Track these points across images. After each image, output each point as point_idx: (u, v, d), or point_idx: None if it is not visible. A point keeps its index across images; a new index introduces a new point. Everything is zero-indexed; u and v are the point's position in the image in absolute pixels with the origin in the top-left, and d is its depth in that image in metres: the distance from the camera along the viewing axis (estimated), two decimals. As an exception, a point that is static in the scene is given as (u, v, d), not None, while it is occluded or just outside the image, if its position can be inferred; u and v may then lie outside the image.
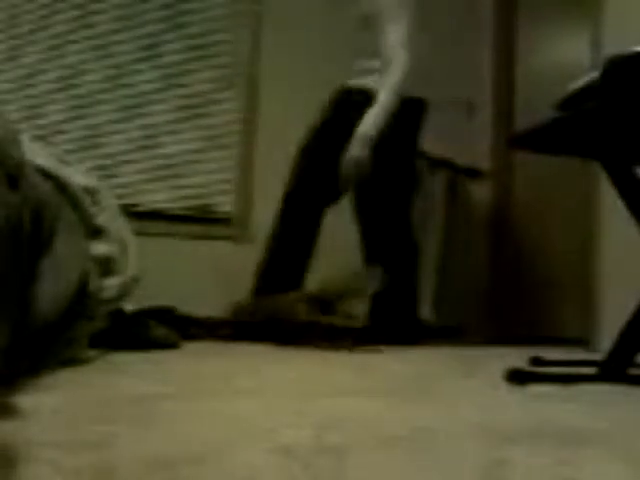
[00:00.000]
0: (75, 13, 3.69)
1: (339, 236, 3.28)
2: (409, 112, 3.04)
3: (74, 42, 3.67)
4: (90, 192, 1.64)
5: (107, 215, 1.70)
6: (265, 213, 3.79)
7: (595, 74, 1.47)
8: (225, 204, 3.82)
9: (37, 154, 1.42)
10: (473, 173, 4.07)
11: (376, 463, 0.66)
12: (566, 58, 3.77)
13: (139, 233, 2.03)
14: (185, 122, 3.78)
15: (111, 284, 1.69)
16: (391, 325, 2.99)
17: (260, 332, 2.77)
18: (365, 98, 3.00)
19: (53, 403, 0.97)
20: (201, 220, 3.78)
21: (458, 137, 4.08)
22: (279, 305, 2.84)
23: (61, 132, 3.64)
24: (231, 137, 3.82)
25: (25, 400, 0.97)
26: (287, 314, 2.78)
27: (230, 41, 3.87)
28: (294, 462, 0.65)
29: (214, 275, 3.58)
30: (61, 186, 1.49)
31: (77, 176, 1.61)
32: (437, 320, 3.70)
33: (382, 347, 2.57)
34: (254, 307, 2.93)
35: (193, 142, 3.79)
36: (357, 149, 2.89)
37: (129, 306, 2.06)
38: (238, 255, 3.62)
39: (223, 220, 3.81)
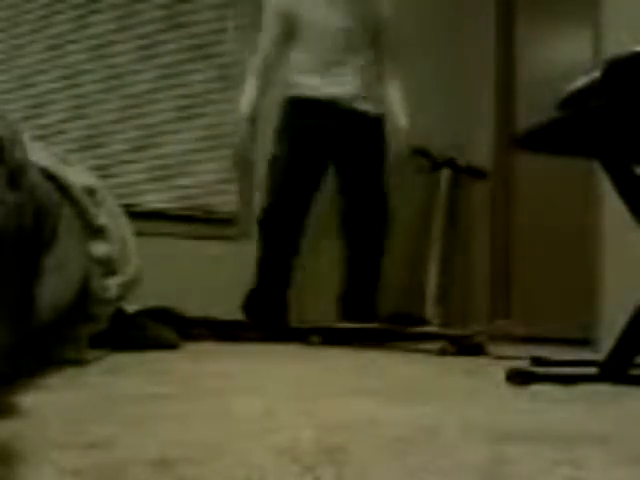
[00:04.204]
0: (75, 13, 3.68)
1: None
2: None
3: (74, 42, 3.67)
4: (90, 192, 1.64)
5: (107, 215, 1.70)
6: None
7: (596, 74, 1.47)
8: (226, 204, 3.82)
9: (38, 154, 1.42)
10: (476, 173, 4.06)
11: (377, 464, 0.66)
12: (566, 58, 3.77)
13: (139, 233, 2.03)
14: (185, 122, 3.78)
15: (111, 284, 1.69)
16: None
17: (260, 332, 2.77)
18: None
19: (54, 403, 0.97)
20: (201, 220, 3.78)
21: (459, 137, 4.08)
22: None
23: (61, 132, 3.64)
24: (231, 137, 3.82)
25: (26, 400, 0.97)
26: None
27: (230, 41, 3.87)
28: (295, 463, 0.65)
29: (214, 275, 3.58)
30: (62, 186, 1.49)
31: (78, 176, 1.61)
32: (440, 319, 3.71)
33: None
34: None
35: (193, 142, 3.79)
36: (403, 143, 3.36)
37: (129, 306, 2.06)
38: (238, 255, 3.62)
39: (223, 220, 3.80)
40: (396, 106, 3.35)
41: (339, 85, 3.22)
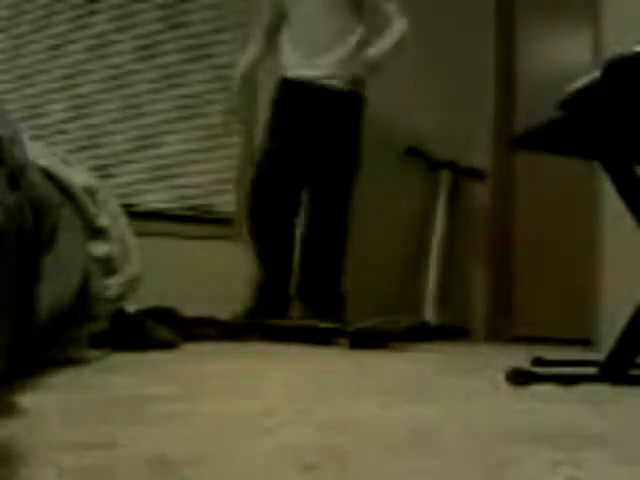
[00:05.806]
0: (75, 13, 3.69)
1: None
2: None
3: (74, 42, 3.67)
4: (91, 192, 1.64)
5: (108, 215, 1.70)
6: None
7: (596, 74, 1.47)
8: (225, 204, 3.82)
9: (38, 154, 1.42)
10: (475, 174, 4.07)
11: (378, 463, 0.66)
12: (566, 58, 3.77)
13: (139, 233, 2.03)
14: (185, 122, 3.78)
15: (112, 284, 1.69)
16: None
17: (259, 332, 2.77)
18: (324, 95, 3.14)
19: (53, 403, 0.97)
20: (201, 220, 3.78)
21: (459, 137, 4.08)
22: None
23: (61, 132, 3.64)
24: (231, 137, 3.82)
25: (25, 400, 0.97)
26: None
27: (229, 41, 3.87)
28: (295, 463, 0.65)
29: (214, 275, 3.58)
30: (62, 186, 1.49)
31: (78, 176, 1.61)
32: (440, 320, 3.71)
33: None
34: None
35: (193, 142, 3.79)
36: (359, 68, 3.13)
37: (130, 306, 2.06)
38: (238, 255, 3.62)
39: (223, 220, 3.80)
40: (381, 39, 3.16)
41: (316, 66, 3.15)
